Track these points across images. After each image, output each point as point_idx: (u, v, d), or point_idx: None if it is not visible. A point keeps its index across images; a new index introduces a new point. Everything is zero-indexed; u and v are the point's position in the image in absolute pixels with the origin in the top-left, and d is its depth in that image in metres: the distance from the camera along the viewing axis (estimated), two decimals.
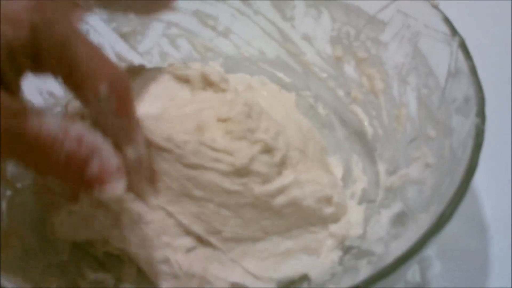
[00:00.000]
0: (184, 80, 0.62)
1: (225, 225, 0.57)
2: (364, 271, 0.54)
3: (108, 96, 0.47)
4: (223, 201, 0.57)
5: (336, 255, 0.60)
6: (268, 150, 0.58)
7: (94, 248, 0.60)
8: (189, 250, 0.57)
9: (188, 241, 0.57)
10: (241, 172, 0.56)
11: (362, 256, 0.58)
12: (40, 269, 0.58)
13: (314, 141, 0.66)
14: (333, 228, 0.61)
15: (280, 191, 0.58)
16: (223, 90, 0.60)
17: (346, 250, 0.60)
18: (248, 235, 0.58)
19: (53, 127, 0.44)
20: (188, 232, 0.57)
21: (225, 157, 0.56)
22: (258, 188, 0.57)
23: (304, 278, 0.59)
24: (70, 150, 0.45)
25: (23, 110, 0.44)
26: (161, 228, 0.57)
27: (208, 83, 0.61)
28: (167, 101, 0.60)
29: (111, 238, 0.57)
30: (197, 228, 0.57)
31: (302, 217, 0.60)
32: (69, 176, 0.46)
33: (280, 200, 0.58)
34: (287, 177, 0.59)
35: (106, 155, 0.46)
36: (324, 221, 0.61)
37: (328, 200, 0.61)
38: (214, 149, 0.56)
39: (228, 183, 0.56)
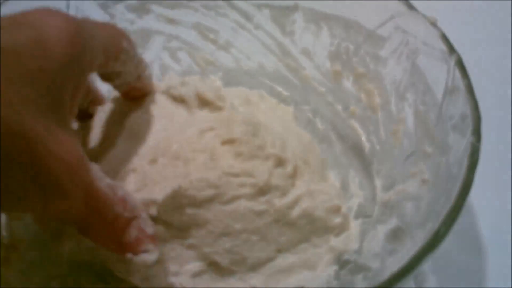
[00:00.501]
0: (180, 100, 0.63)
1: (251, 251, 0.58)
2: (360, 286, 0.55)
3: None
4: (254, 226, 0.58)
5: (332, 269, 0.60)
6: (280, 162, 0.60)
7: (95, 264, 0.61)
8: (196, 274, 0.58)
9: (197, 266, 0.58)
10: (264, 190, 0.58)
11: (358, 271, 0.58)
12: (40, 281, 0.58)
13: (314, 153, 0.67)
14: (334, 242, 0.61)
15: (295, 202, 0.59)
16: (219, 108, 0.61)
17: (342, 264, 0.61)
18: (266, 256, 0.59)
19: (105, 184, 0.46)
20: (203, 259, 0.58)
21: (247, 179, 0.57)
22: (278, 202, 0.58)
23: None
24: (118, 210, 0.46)
25: (86, 160, 0.45)
26: (173, 259, 0.57)
27: (203, 102, 0.62)
28: (167, 122, 0.61)
29: (116, 270, 0.57)
30: (224, 261, 0.58)
31: (313, 228, 0.61)
32: (110, 235, 0.47)
33: (296, 211, 0.59)
34: (300, 187, 0.60)
35: (144, 222, 0.48)
36: (331, 230, 0.62)
37: (337, 210, 0.62)
38: (235, 175, 0.57)
39: (256, 205, 0.58)
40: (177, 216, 0.56)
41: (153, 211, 0.54)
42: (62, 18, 0.45)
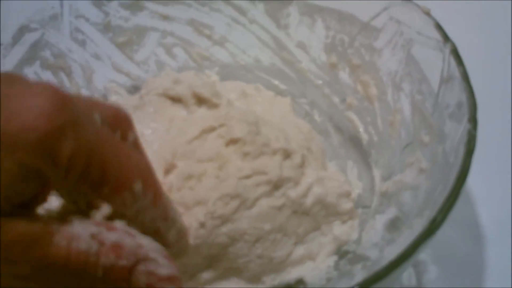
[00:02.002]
0: (177, 99, 0.63)
1: (275, 251, 0.58)
2: (359, 276, 0.54)
3: (144, 191, 0.42)
4: (278, 222, 0.58)
5: (332, 259, 0.61)
6: (287, 155, 0.60)
7: None
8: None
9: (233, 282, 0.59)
10: (278, 184, 0.58)
11: (357, 261, 0.58)
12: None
13: (315, 141, 0.67)
14: (337, 231, 0.61)
15: (308, 190, 0.60)
16: (216, 105, 0.61)
17: (342, 255, 0.61)
18: (287, 252, 0.59)
19: (84, 243, 0.38)
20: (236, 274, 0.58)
21: (261, 178, 0.58)
22: (293, 193, 0.59)
23: (300, 282, 0.60)
24: (108, 263, 0.39)
25: (46, 232, 0.38)
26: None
27: (200, 99, 0.62)
28: (167, 123, 0.62)
29: None
30: (255, 268, 0.58)
31: (326, 214, 0.61)
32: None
33: (309, 199, 0.60)
34: (310, 175, 0.61)
35: (155, 263, 0.41)
36: (341, 217, 0.62)
37: (347, 195, 0.62)
38: (248, 176, 0.57)
39: (275, 201, 0.58)
40: (213, 239, 0.56)
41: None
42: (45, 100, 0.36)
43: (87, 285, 0.40)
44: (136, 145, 0.48)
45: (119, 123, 0.47)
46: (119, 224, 0.41)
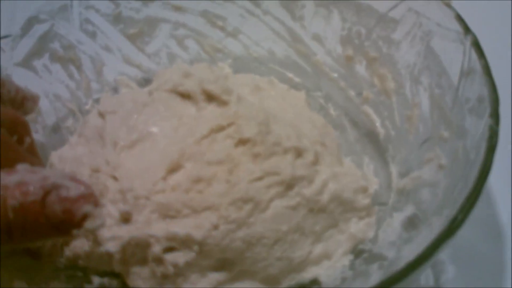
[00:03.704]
0: (186, 96, 0.62)
1: (294, 252, 0.57)
2: (375, 276, 0.53)
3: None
4: (295, 222, 0.57)
5: (347, 259, 0.59)
6: (299, 153, 0.59)
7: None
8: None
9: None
10: (291, 183, 0.57)
11: (373, 260, 0.56)
12: (47, 274, 0.57)
13: (330, 135, 0.66)
14: (354, 229, 0.60)
15: (324, 186, 0.59)
16: (225, 103, 0.60)
17: (357, 254, 0.59)
18: (306, 252, 0.58)
19: None
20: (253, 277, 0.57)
21: (273, 178, 0.56)
22: (308, 191, 0.58)
23: (314, 282, 0.58)
24: (16, 203, 0.41)
25: None
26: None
27: (209, 96, 0.61)
28: (176, 121, 0.61)
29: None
30: (275, 271, 0.57)
31: (343, 211, 0.60)
32: (32, 227, 0.42)
33: (325, 196, 0.59)
34: (324, 172, 0.59)
35: (66, 189, 0.42)
36: (358, 213, 0.61)
37: (364, 191, 0.61)
38: (259, 179, 0.56)
39: (289, 201, 0.57)
40: (227, 244, 0.54)
41: (196, 249, 0.53)
42: None
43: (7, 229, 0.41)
44: (32, 149, 0.53)
45: (17, 127, 0.51)
46: (20, 166, 0.42)
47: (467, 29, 0.57)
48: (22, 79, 0.62)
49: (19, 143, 0.52)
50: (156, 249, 0.54)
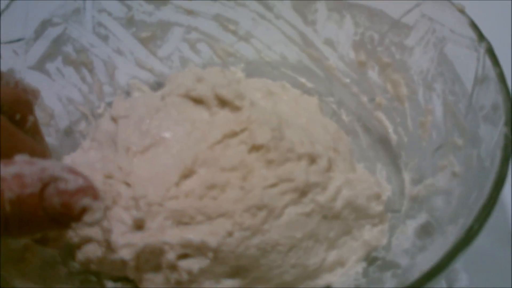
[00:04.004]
0: (199, 101, 0.62)
1: (309, 258, 0.57)
2: (389, 284, 0.53)
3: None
4: (309, 229, 0.57)
5: (360, 266, 0.59)
6: (313, 159, 0.59)
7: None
8: None
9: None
10: (305, 190, 0.57)
11: (387, 268, 0.56)
12: (61, 278, 0.57)
13: (343, 141, 0.66)
14: (368, 236, 0.60)
15: (337, 193, 0.58)
16: (238, 108, 0.60)
17: (371, 261, 0.59)
18: (321, 259, 0.58)
19: None
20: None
21: (287, 185, 0.56)
22: (322, 198, 0.58)
23: None
24: (13, 195, 0.40)
25: None
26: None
27: (222, 101, 0.61)
28: (189, 125, 0.60)
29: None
30: (289, 278, 0.57)
31: (356, 217, 0.60)
32: (30, 220, 0.41)
33: (339, 203, 0.58)
34: (338, 179, 0.59)
35: (62, 180, 0.42)
36: (371, 220, 0.61)
37: (377, 197, 0.61)
38: (273, 185, 0.56)
39: (303, 207, 0.57)
40: (242, 251, 0.54)
41: (210, 256, 0.53)
42: None
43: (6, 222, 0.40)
44: (35, 128, 0.53)
45: (20, 106, 0.51)
46: (18, 157, 0.41)
47: (481, 36, 0.57)
48: (35, 82, 0.62)
49: (22, 123, 0.52)
50: (170, 256, 0.54)
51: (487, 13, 0.70)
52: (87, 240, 0.57)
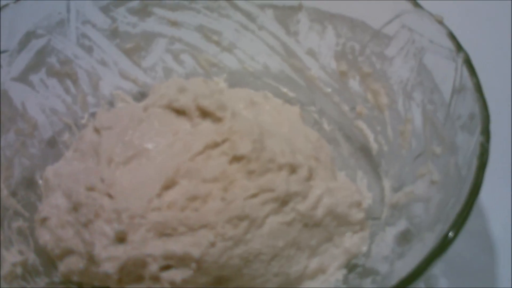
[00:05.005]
0: (181, 112, 0.62)
1: (291, 266, 0.58)
2: None
3: None
4: (291, 237, 0.57)
5: (341, 273, 0.60)
6: (293, 169, 0.59)
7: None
8: None
9: None
10: (286, 200, 0.58)
11: (366, 275, 0.57)
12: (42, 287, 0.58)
13: (324, 150, 0.66)
14: (348, 243, 0.61)
15: (318, 201, 0.59)
16: (220, 119, 0.60)
17: (351, 268, 0.60)
18: (303, 266, 0.59)
19: None
20: None
21: (267, 195, 0.57)
22: (302, 206, 0.58)
23: None
24: None
25: None
26: None
27: (204, 112, 0.61)
28: (171, 136, 0.61)
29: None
30: (273, 286, 0.58)
31: (337, 225, 0.60)
32: None
33: (320, 211, 0.59)
34: (319, 187, 0.60)
35: None
36: (352, 227, 0.61)
37: (358, 205, 0.62)
38: (254, 195, 0.57)
39: (284, 216, 0.57)
40: (225, 261, 0.55)
41: (193, 266, 0.54)
42: None
43: None
44: None
45: None
46: None
47: (459, 47, 0.58)
48: (18, 94, 0.63)
49: None
50: (153, 267, 0.54)
51: (466, 24, 0.71)
52: (69, 252, 0.58)
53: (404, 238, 0.57)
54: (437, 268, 0.61)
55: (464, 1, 0.89)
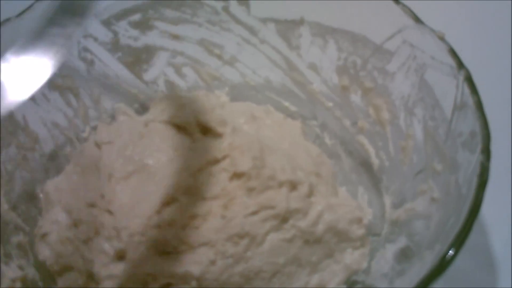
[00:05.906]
0: (182, 127, 0.62)
1: (292, 283, 0.58)
2: None
3: None
4: (292, 254, 0.58)
5: None
6: (294, 186, 0.59)
7: None
8: None
9: None
10: (286, 216, 0.58)
11: None
12: None
13: (325, 165, 0.66)
14: (349, 260, 0.60)
15: (318, 218, 0.59)
16: (220, 135, 0.60)
17: (350, 285, 0.60)
18: (304, 283, 0.59)
19: None
20: None
21: (268, 212, 0.57)
22: (303, 223, 0.58)
23: None
24: None
25: None
26: None
27: (204, 128, 0.61)
28: (171, 152, 0.61)
29: None
30: None
31: (338, 241, 0.60)
32: None
33: (320, 227, 0.59)
34: (319, 203, 0.60)
35: None
36: (353, 244, 0.61)
37: (359, 221, 0.62)
38: (254, 213, 0.57)
39: (285, 233, 0.58)
40: (226, 279, 0.55)
41: (194, 284, 0.54)
42: None
43: None
44: None
45: None
46: None
47: (460, 64, 0.57)
48: (20, 107, 0.63)
49: None
50: (154, 286, 0.54)
51: (467, 41, 0.71)
52: (69, 268, 0.58)
53: (404, 255, 0.57)
54: (437, 284, 0.61)
55: (467, 18, 0.88)
